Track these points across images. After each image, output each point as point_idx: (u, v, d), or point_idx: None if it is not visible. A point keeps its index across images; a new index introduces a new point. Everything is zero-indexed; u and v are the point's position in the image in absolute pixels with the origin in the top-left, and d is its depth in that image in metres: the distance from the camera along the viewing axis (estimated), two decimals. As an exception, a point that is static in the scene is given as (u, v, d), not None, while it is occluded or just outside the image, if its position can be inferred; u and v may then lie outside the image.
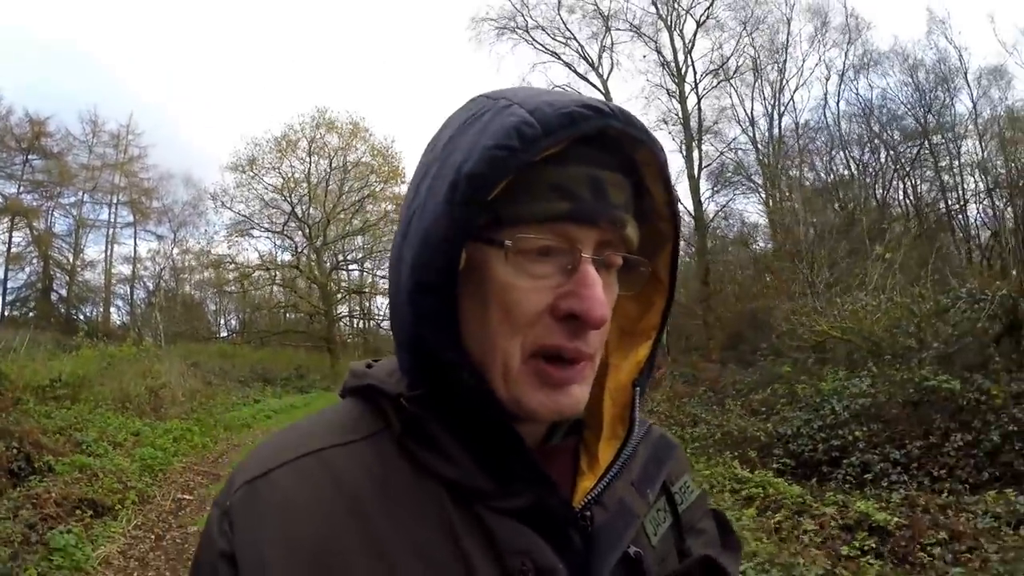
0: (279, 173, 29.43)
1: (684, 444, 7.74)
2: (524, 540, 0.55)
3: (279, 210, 29.86)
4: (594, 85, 22.57)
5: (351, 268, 33.25)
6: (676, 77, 21.80)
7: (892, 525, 4.66)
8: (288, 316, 32.59)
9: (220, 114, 54.89)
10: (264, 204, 29.69)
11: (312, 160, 29.58)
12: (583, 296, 0.54)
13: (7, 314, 26.32)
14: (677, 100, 21.81)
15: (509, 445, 0.55)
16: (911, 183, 20.64)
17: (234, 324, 34.82)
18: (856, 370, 8.37)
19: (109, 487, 6.15)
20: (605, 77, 22.65)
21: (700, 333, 18.76)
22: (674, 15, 21.60)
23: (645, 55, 22.48)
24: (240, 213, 29.51)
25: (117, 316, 31.16)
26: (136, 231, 31.22)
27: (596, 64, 22.90)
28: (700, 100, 21.84)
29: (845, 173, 21.78)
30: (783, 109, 21.59)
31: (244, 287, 31.32)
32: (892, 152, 20.72)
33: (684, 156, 21.15)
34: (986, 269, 12.70)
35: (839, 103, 21.98)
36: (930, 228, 18.32)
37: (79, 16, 44.11)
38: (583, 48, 22.91)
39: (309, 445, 0.57)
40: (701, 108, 21.87)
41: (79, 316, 28.63)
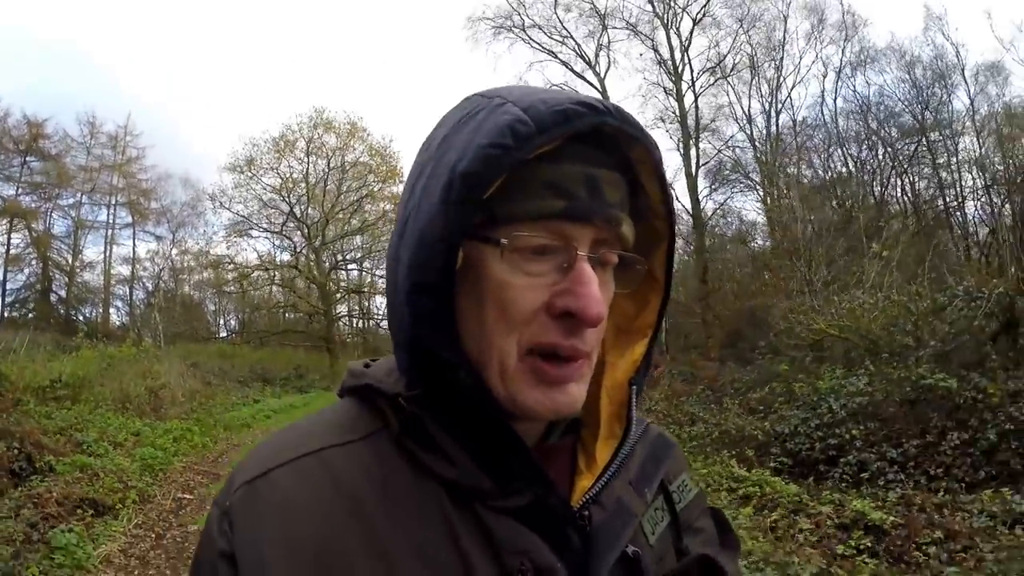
0: (277, 173, 29.48)
1: (682, 443, 7.76)
2: (523, 539, 0.55)
3: (277, 210, 29.91)
4: (591, 83, 22.55)
5: (350, 268, 33.32)
6: (673, 75, 21.75)
7: (888, 524, 4.67)
8: (287, 316, 32.58)
9: (219, 114, 54.85)
10: (262, 204, 29.75)
11: (310, 160, 29.61)
12: (579, 294, 0.54)
13: (6, 315, 26.28)
14: (674, 98, 21.78)
15: (507, 444, 0.55)
16: (909, 180, 20.61)
17: (233, 324, 34.91)
18: (853, 368, 8.35)
19: (110, 487, 6.18)
20: (602, 75, 22.65)
21: (699, 331, 18.72)
22: (670, 13, 21.59)
23: (642, 53, 22.46)
24: (239, 214, 29.56)
25: (116, 317, 31.18)
26: (135, 232, 31.19)
27: (593, 62, 22.89)
28: (697, 98, 21.83)
29: (843, 170, 21.75)
30: (780, 106, 21.53)
31: (243, 287, 31.31)
32: (890, 149, 20.69)
33: (682, 154, 21.14)
34: (984, 266, 12.68)
35: (836, 100, 21.97)
36: (928, 225, 18.31)
37: (79, 16, 44.04)
38: (580, 46, 22.90)
39: (308, 445, 0.57)
40: (698, 106, 21.84)
41: (78, 317, 28.60)
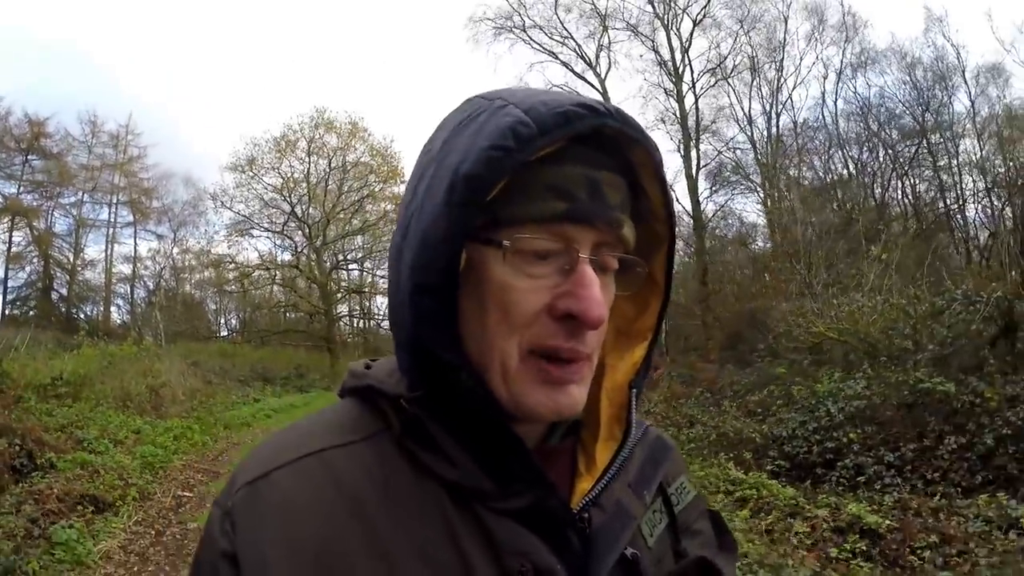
0: (278, 173, 29.44)
1: (680, 445, 7.75)
2: (523, 541, 0.55)
3: (279, 210, 29.88)
4: (592, 84, 22.52)
5: (351, 268, 33.23)
6: (674, 76, 21.72)
7: (883, 528, 4.67)
8: (288, 316, 32.56)
9: (220, 114, 54.70)
10: (264, 204, 29.72)
11: (311, 160, 29.57)
12: (580, 296, 0.54)
13: (8, 313, 26.33)
14: (675, 99, 21.75)
15: (508, 446, 0.55)
16: (909, 182, 20.58)
17: (234, 323, 34.90)
18: (852, 372, 8.33)
19: (110, 484, 6.22)
20: (603, 76, 22.60)
21: (699, 333, 18.65)
22: (671, 14, 21.55)
23: (642, 54, 22.43)
24: (240, 213, 29.53)
25: (117, 315, 31.16)
26: (136, 231, 31.21)
27: (594, 63, 22.83)
28: (698, 99, 21.79)
29: (843, 172, 21.73)
30: (781, 108, 21.48)
31: (244, 287, 31.29)
32: (890, 151, 20.65)
33: (682, 155, 21.10)
34: (984, 269, 12.66)
35: (837, 102, 21.89)
36: (928, 228, 18.28)
37: (79, 16, 43.98)
38: (580, 47, 22.85)
39: (310, 446, 0.58)
40: (699, 107, 21.80)
41: (80, 315, 28.57)
